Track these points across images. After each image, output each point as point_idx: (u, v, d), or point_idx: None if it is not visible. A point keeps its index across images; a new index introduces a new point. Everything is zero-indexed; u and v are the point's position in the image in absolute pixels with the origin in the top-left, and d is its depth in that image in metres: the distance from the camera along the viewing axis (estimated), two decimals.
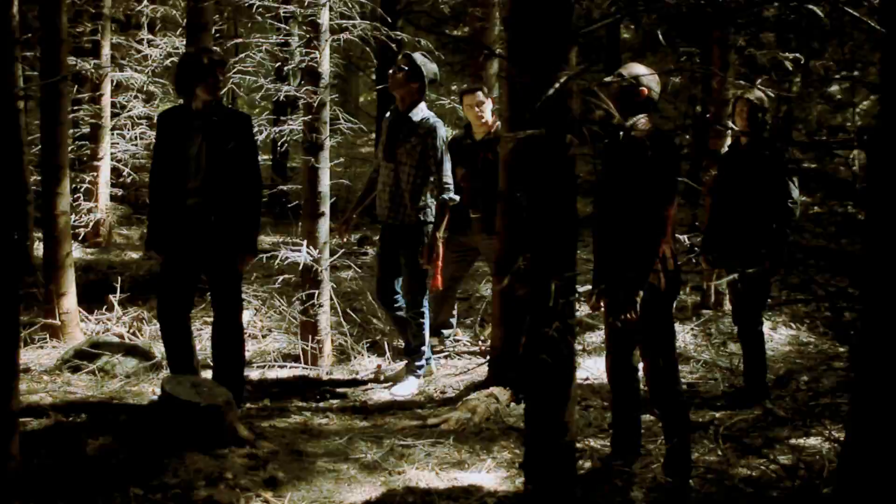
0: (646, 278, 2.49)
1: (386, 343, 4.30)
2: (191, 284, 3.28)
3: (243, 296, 4.66)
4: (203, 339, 4.02)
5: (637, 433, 2.76)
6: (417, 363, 3.77)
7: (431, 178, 3.63)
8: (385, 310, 3.89)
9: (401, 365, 3.95)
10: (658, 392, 2.60)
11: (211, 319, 3.48)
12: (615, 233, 2.57)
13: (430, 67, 3.61)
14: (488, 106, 4.06)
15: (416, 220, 3.64)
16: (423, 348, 3.74)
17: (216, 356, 3.38)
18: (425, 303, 3.70)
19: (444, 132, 3.64)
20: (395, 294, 3.78)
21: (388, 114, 3.79)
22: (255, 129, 4.11)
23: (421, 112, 3.61)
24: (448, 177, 3.60)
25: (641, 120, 2.58)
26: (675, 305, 2.64)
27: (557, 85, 2.06)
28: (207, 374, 3.44)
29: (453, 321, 4.39)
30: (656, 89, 2.63)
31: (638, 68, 2.65)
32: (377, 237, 4.02)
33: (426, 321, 3.72)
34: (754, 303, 3.39)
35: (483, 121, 4.06)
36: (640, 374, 2.74)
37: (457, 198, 3.65)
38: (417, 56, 3.60)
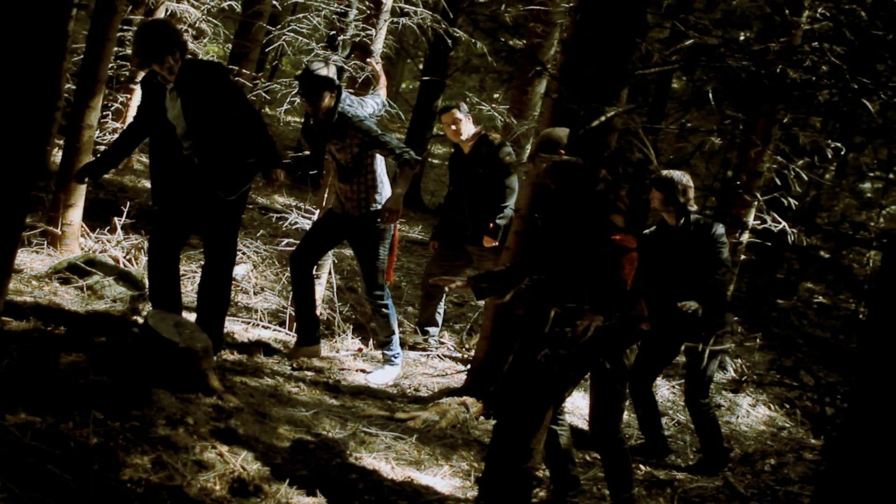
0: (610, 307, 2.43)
1: (373, 329, 4.30)
2: (183, 225, 3.29)
3: (245, 249, 4.69)
4: (195, 283, 4.02)
5: (569, 465, 2.75)
6: (390, 352, 3.76)
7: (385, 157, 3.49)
8: (294, 278, 3.61)
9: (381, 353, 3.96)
10: (599, 432, 2.61)
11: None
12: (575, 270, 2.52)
13: (327, 71, 3.42)
14: (465, 122, 4.10)
15: (366, 210, 3.52)
16: (392, 338, 3.71)
17: (199, 301, 3.39)
18: (385, 294, 3.64)
19: (362, 111, 3.48)
20: (311, 266, 3.61)
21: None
22: (295, 90, 4.13)
23: (337, 113, 3.43)
24: (395, 142, 3.40)
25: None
26: (630, 352, 2.62)
27: (603, 118, 2.07)
28: (192, 317, 3.45)
29: (439, 320, 4.40)
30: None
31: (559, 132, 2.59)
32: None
33: (391, 311, 3.67)
34: (698, 378, 3.41)
35: (461, 137, 4.13)
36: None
37: (418, 158, 3.44)
38: (315, 66, 3.43)
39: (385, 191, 3.57)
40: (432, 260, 4.42)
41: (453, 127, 4.11)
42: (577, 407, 3.85)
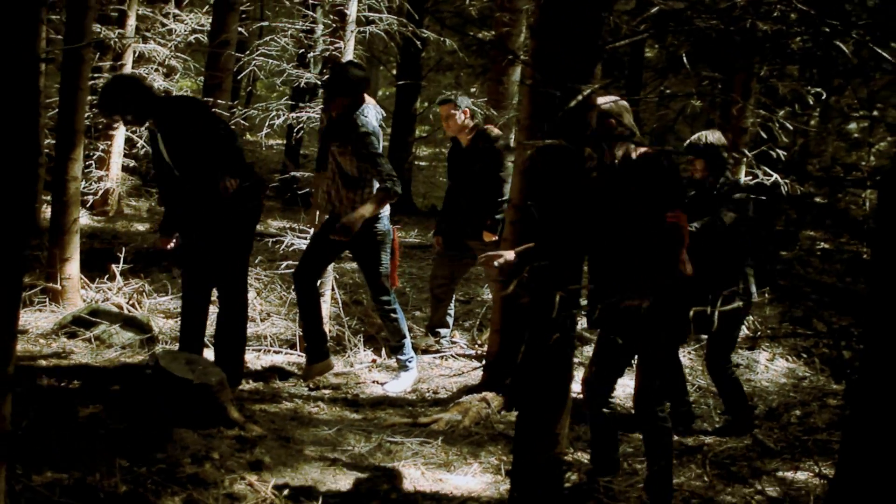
0: (665, 284, 2.45)
1: (384, 339, 4.30)
2: (207, 265, 3.35)
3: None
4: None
5: (614, 450, 2.75)
6: (404, 357, 3.76)
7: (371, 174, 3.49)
8: (299, 294, 3.60)
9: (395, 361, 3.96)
10: (644, 413, 2.60)
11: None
12: (622, 251, 2.55)
13: (354, 73, 3.45)
14: (460, 116, 4.08)
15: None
16: (404, 342, 3.71)
17: (216, 338, 3.41)
18: (392, 300, 3.64)
19: (377, 129, 3.48)
20: (315, 281, 3.62)
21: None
22: (273, 113, 4.13)
23: (354, 117, 3.44)
24: (386, 168, 3.38)
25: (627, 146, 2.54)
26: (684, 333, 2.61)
27: (580, 97, 2.06)
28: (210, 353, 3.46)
29: (450, 320, 4.40)
30: (628, 119, 2.60)
31: (607, 98, 2.63)
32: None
33: (399, 316, 3.67)
34: (718, 347, 3.38)
35: (455, 131, 4.12)
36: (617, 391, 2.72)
37: (399, 192, 3.44)
38: (345, 67, 3.47)
39: (384, 209, 3.56)
40: (437, 262, 4.41)
41: (448, 121, 4.10)
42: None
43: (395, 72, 9.32)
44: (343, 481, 2.64)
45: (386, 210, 3.55)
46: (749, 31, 2.66)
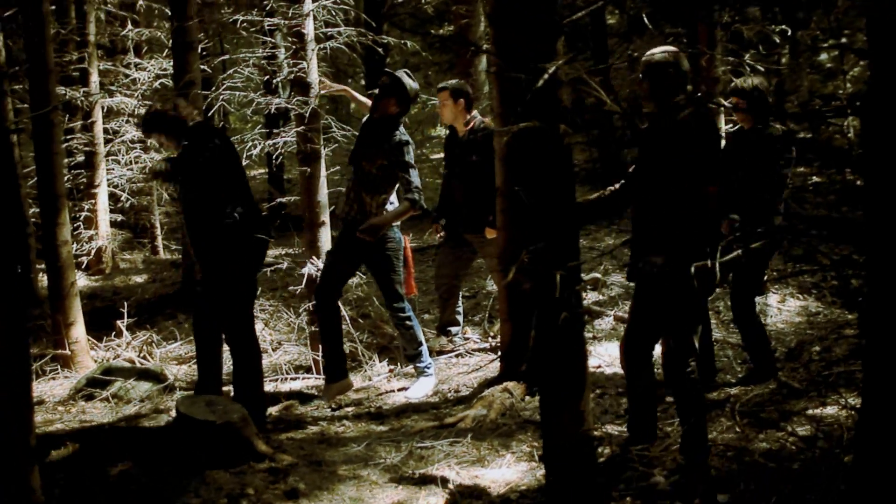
0: (703, 251, 2.43)
1: (397, 347, 4.30)
2: (214, 304, 3.37)
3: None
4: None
5: (653, 417, 2.75)
6: (422, 364, 3.76)
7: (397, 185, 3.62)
8: (320, 313, 3.65)
9: (412, 368, 3.96)
10: (673, 373, 2.59)
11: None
12: (661, 214, 2.54)
13: (410, 84, 3.60)
14: (453, 107, 4.05)
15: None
16: (420, 349, 3.72)
17: (233, 376, 3.41)
18: (406, 308, 3.66)
19: (411, 141, 3.64)
20: (336, 298, 3.68)
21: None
22: (249, 144, 4.13)
23: (395, 129, 3.58)
24: (416, 181, 3.54)
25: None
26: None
27: (546, 76, 2.06)
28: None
29: (460, 318, 4.39)
30: (685, 64, 2.57)
31: (660, 48, 2.61)
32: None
33: (414, 323, 3.69)
34: (744, 286, 3.36)
35: (447, 121, 4.11)
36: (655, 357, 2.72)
37: (424, 206, 3.59)
38: (400, 73, 3.61)
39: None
40: (439, 261, 4.38)
41: (443, 109, 4.08)
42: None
43: (363, 83, 9.31)
44: (380, 495, 2.63)
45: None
46: None
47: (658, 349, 2.71)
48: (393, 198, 3.66)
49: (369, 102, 3.82)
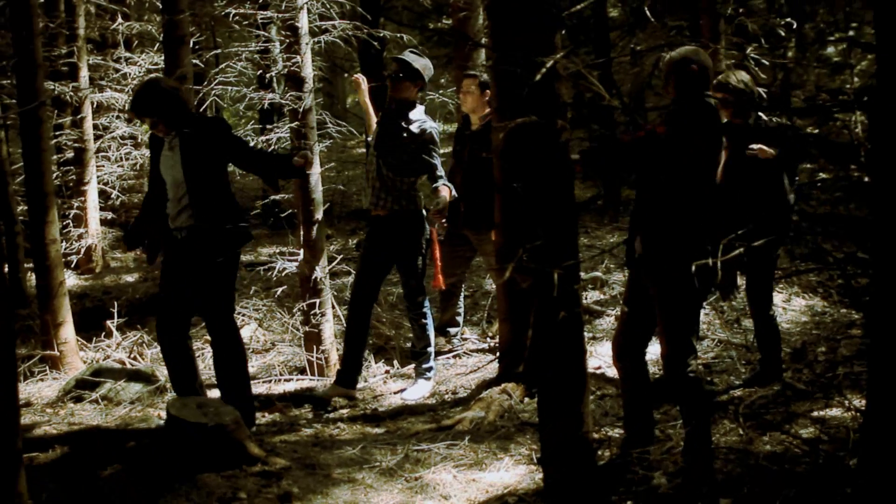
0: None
1: (394, 348, 4.24)
2: (185, 302, 3.22)
3: (244, 311, 4.61)
4: (207, 359, 3.96)
5: (650, 418, 2.69)
6: (425, 365, 3.71)
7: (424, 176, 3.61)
8: (352, 319, 3.64)
9: (410, 369, 3.89)
10: (674, 374, 2.53)
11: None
12: (662, 206, 2.49)
13: (420, 62, 3.59)
14: (479, 94, 3.96)
15: (408, 210, 3.56)
16: (429, 349, 3.67)
17: (218, 376, 3.32)
18: (426, 303, 3.63)
19: (438, 132, 3.65)
20: (371, 305, 3.67)
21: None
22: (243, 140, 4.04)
23: (417, 114, 3.59)
24: (440, 168, 3.60)
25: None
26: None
27: (544, 70, 2.00)
28: (215, 394, 3.38)
29: (459, 319, 4.31)
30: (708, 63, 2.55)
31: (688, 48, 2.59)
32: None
33: (429, 321, 3.64)
34: (758, 280, 3.31)
35: (467, 108, 4.02)
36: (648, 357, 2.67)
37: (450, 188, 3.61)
38: (407, 56, 3.58)
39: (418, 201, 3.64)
40: (442, 260, 4.30)
41: (467, 95, 4.00)
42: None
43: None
44: (375, 499, 2.58)
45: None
46: None
47: (658, 350, 2.66)
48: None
49: (374, 119, 3.80)
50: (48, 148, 4.23)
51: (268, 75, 4.13)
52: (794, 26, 4.29)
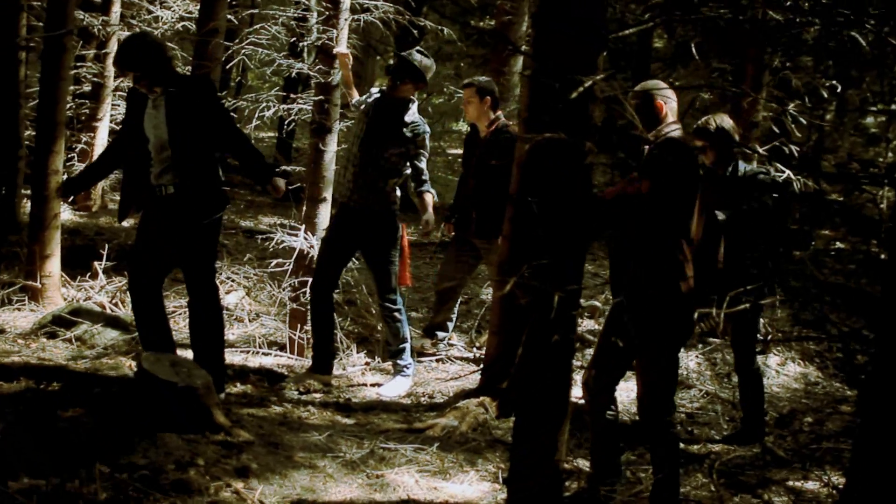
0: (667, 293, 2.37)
1: (377, 340, 4.18)
2: (162, 259, 3.16)
3: (234, 276, 4.55)
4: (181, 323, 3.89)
5: (616, 454, 2.64)
6: (402, 362, 3.64)
7: (408, 172, 3.58)
8: (314, 306, 3.57)
9: (390, 364, 3.83)
10: (650, 420, 2.49)
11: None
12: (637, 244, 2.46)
13: (423, 62, 3.52)
14: (478, 106, 3.92)
15: (384, 209, 3.51)
16: (404, 346, 3.61)
17: (192, 338, 3.25)
18: (398, 301, 3.56)
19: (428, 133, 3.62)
20: (332, 291, 3.60)
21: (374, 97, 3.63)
22: (263, 104, 3.98)
23: (412, 115, 3.52)
24: (426, 172, 3.58)
25: (666, 130, 2.48)
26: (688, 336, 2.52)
27: (582, 88, 1.95)
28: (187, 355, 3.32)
29: (451, 324, 4.25)
30: (673, 105, 2.52)
31: (654, 83, 2.55)
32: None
33: (402, 318, 3.58)
34: (743, 334, 3.26)
35: (481, 119, 3.97)
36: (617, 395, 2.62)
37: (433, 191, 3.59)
38: (412, 55, 3.51)
39: (396, 200, 3.59)
40: (446, 261, 4.24)
41: (468, 106, 3.96)
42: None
43: (391, 62, 9.15)
44: (333, 489, 2.52)
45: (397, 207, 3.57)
46: (760, 20, 2.55)
47: (633, 392, 2.61)
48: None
49: (355, 93, 3.73)
50: (67, 77, 4.16)
51: (301, 44, 4.07)
52: (839, 89, 4.25)
